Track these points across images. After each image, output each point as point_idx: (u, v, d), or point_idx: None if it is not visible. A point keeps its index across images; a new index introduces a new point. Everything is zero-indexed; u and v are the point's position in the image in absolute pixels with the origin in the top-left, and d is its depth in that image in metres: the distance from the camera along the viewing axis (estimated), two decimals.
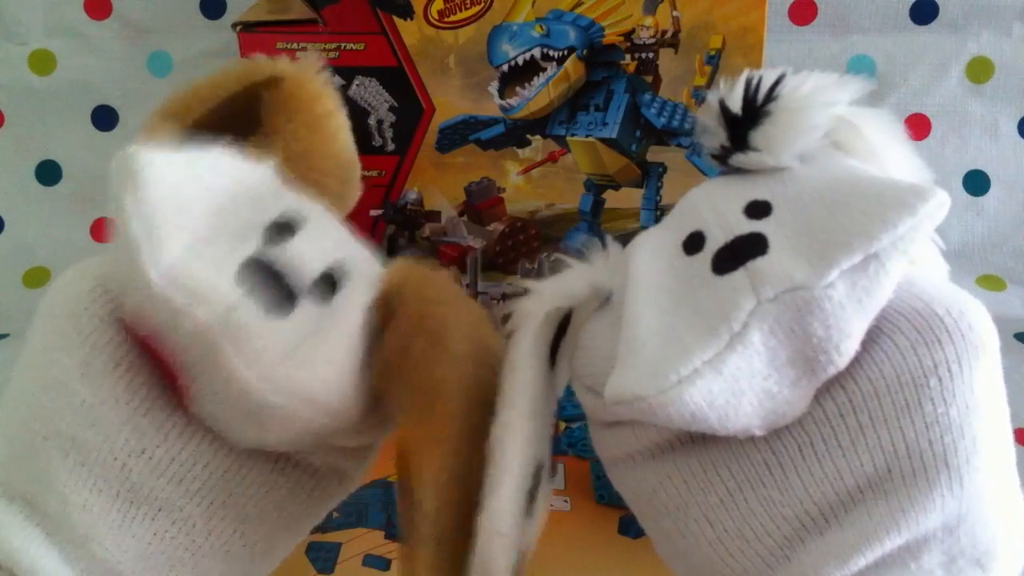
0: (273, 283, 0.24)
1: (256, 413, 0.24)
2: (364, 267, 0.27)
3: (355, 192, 0.30)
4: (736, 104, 0.26)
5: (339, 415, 0.25)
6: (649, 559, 0.39)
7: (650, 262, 0.26)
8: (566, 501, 0.43)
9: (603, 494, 0.43)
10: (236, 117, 0.28)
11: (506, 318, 0.28)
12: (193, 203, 0.24)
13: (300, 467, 0.27)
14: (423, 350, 0.25)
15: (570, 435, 0.46)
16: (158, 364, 0.25)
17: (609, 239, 0.28)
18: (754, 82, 0.26)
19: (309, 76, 0.28)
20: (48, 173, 0.64)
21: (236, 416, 0.24)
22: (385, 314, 0.26)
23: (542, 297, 0.27)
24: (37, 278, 0.63)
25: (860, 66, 0.61)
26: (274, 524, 0.27)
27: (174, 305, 0.23)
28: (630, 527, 0.41)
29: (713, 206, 0.26)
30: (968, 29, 0.61)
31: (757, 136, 0.26)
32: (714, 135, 0.27)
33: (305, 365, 0.24)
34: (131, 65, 0.63)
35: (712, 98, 0.27)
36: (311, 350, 0.24)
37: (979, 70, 0.61)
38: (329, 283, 0.26)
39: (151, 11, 0.62)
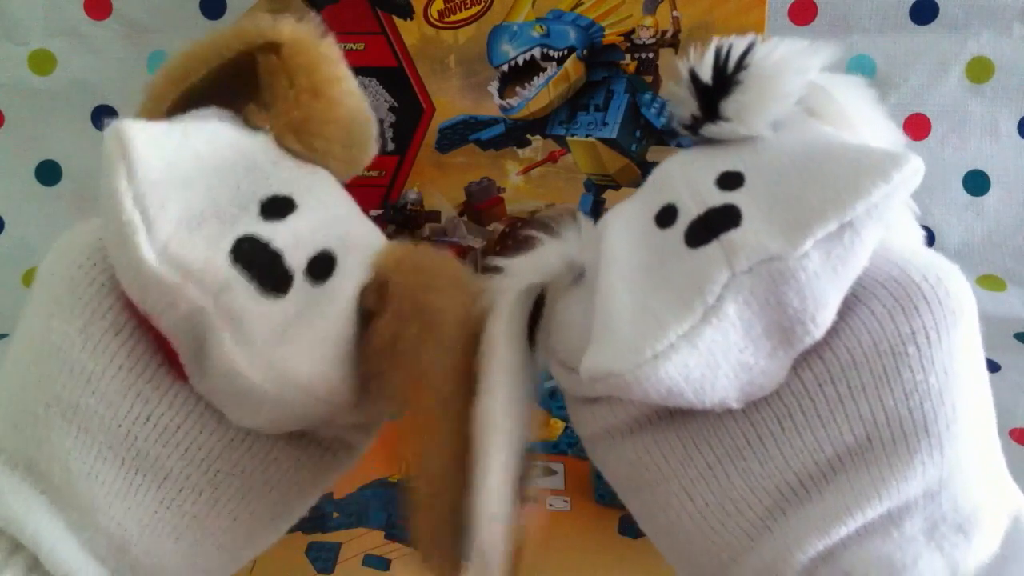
0: (267, 263, 0.24)
1: (246, 396, 0.24)
2: (363, 244, 0.27)
3: (366, 155, 0.29)
4: (706, 73, 0.26)
5: (329, 401, 0.25)
6: (649, 559, 0.39)
7: (623, 236, 0.25)
8: (566, 501, 0.43)
9: (603, 494, 0.43)
10: (236, 79, 0.27)
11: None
12: (187, 178, 0.24)
13: (307, 438, 0.27)
14: (415, 337, 0.25)
15: (570, 435, 0.46)
16: (158, 338, 0.24)
17: (580, 215, 0.28)
18: (724, 50, 0.26)
19: (311, 40, 0.27)
20: (48, 173, 0.64)
21: (228, 397, 0.24)
22: (377, 298, 0.26)
23: (515, 274, 0.27)
24: None
25: (860, 66, 0.61)
26: (281, 493, 0.27)
27: (167, 285, 0.22)
28: (630, 527, 0.41)
29: (685, 178, 0.26)
30: (968, 29, 0.61)
31: (728, 105, 0.25)
32: (685, 105, 0.27)
33: (295, 350, 0.24)
34: (131, 65, 0.63)
35: (682, 67, 0.27)
36: (301, 334, 0.24)
37: (979, 70, 0.61)
38: (325, 263, 0.25)
39: (151, 11, 0.62)
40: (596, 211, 0.48)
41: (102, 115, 0.64)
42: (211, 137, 0.25)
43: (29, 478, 0.24)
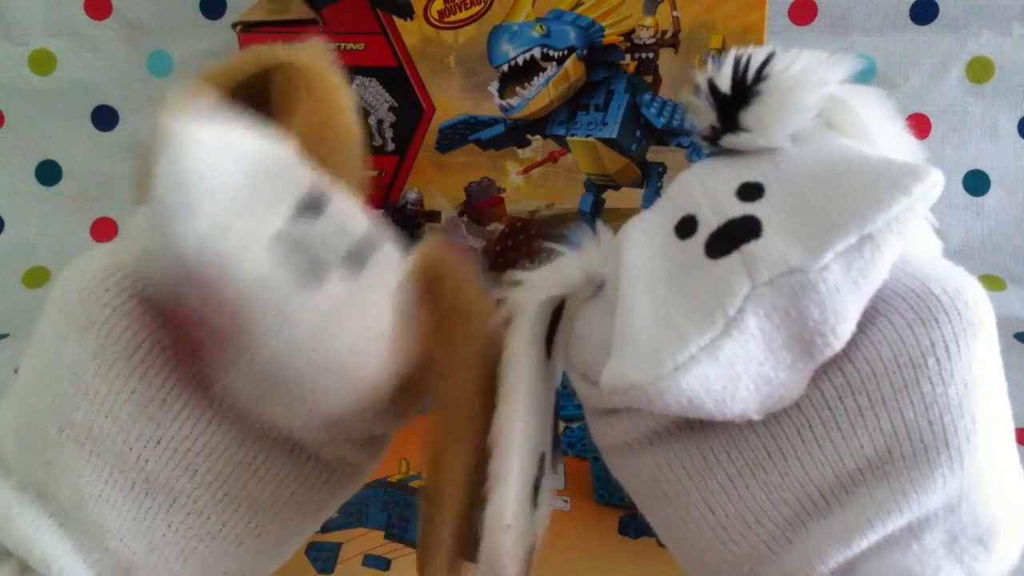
0: (304, 255, 0.24)
1: (284, 386, 0.24)
2: (390, 241, 0.27)
3: (361, 178, 0.30)
4: (725, 84, 0.26)
5: (367, 390, 0.25)
6: (649, 559, 0.39)
7: (642, 248, 0.25)
8: (566, 501, 0.43)
9: (603, 494, 0.43)
10: (249, 102, 0.28)
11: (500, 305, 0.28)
12: (226, 173, 0.24)
13: (313, 460, 0.27)
14: (463, 336, 0.25)
15: (570, 435, 0.46)
16: (182, 341, 0.24)
17: (599, 225, 0.28)
18: (743, 61, 0.26)
19: (320, 59, 0.28)
20: (48, 173, 0.64)
21: (264, 390, 0.24)
22: (421, 288, 0.26)
23: (535, 287, 0.27)
24: (37, 278, 0.63)
25: (860, 66, 0.61)
26: (287, 516, 0.27)
27: (207, 275, 0.22)
28: (630, 527, 0.41)
29: (705, 189, 0.26)
30: (968, 29, 0.61)
31: (747, 116, 0.25)
32: (704, 116, 0.27)
33: (339, 336, 0.24)
34: (131, 65, 0.63)
35: (701, 78, 0.27)
36: (342, 322, 0.24)
37: (979, 70, 0.61)
38: (359, 258, 0.25)
39: (151, 11, 0.62)
40: (596, 211, 0.48)
41: (102, 115, 0.64)
42: (246, 138, 0.25)
43: (39, 500, 0.24)
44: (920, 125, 0.62)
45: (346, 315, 0.24)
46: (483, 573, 0.25)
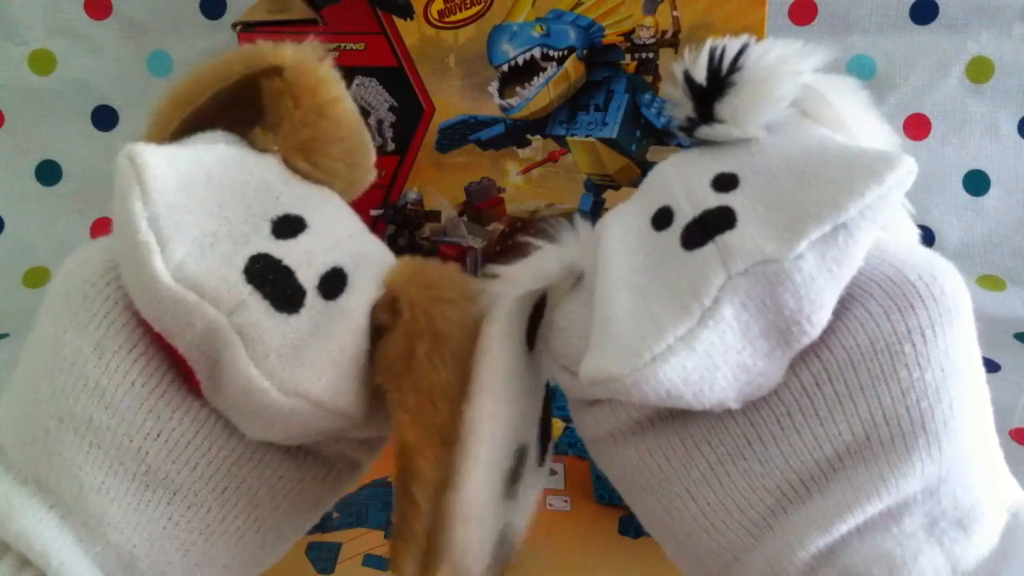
0: (281, 280, 0.24)
1: (260, 411, 0.24)
2: (373, 261, 0.27)
3: (367, 175, 0.30)
4: (700, 74, 0.26)
5: (342, 415, 0.25)
6: (649, 559, 0.39)
7: (620, 240, 0.26)
8: (566, 501, 0.43)
9: (603, 494, 0.43)
10: (239, 104, 0.28)
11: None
12: (199, 199, 0.24)
13: (312, 455, 0.27)
14: (427, 354, 0.25)
15: (570, 435, 0.46)
16: (173, 355, 0.25)
17: (578, 218, 0.28)
18: (718, 52, 0.26)
19: (312, 63, 0.28)
20: (48, 173, 0.64)
21: (243, 412, 0.24)
22: (389, 314, 0.26)
23: (513, 279, 0.27)
24: (37, 278, 0.63)
25: (860, 66, 0.61)
26: (286, 510, 0.27)
27: (183, 305, 0.23)
28: (630, 527, 0.41)
29: (681, 180, 0.26)
30: (968, 29, 0.61)
31: (722, 108, 0.26)
32: (680, 106, 0.27)
33: (309, 365, 0.24)
34: (131, 65, 0.63)
35: (677, 68, 0.27)
36: (316, 350, 0.24)
37: (979, 70, 0.61)
38: (337, 280, 0.26)
39: (151, 11, 0.62)
40: (596, 211, 0.48)
41: (102, 115, 0.64)
42: (221, 158, 0.26)
43: (39, 493, 0.24)
44: (920, 125, 0.62)
45: (320, 343, 0.24)
46: (449, 563, 0.25)
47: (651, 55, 0.45)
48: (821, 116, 0.26)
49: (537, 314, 0.28)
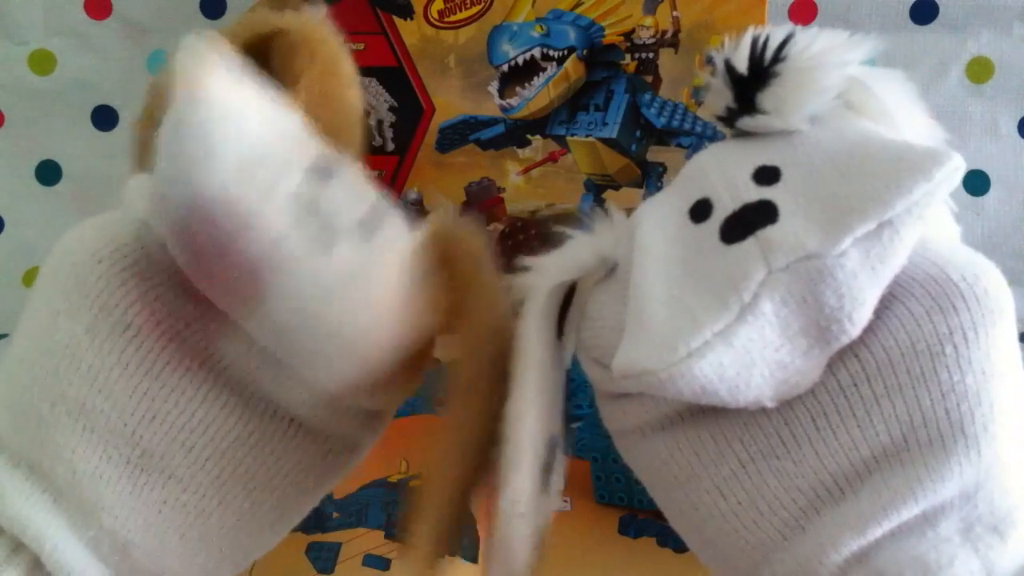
0: (319, 218, 0.24)
1: (287, 351, 0.23)
2: (398, 215, 0.27)
3: (361, 152, 0.29)
4: (742, 64, 0.25)
5: (374, 358, 0.24)
6: (649, 559, 0.39)
7: (657, 231, 0.25)
8: (566, 501, 0.43)
9: (603, 494, 0.43)
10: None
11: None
12: (247, 123, 0.23)
13: (311, 436, 0.27)
14: (471, 306, 0.25)
15: (570, 435, 0.46)
16: (181, 311, 0.24)
17: (612, 207, 0.28)
18: (761, 41, 0.25)
19: (314, 24, 0.27)
20: (48, 173, 0.64)
21: (271, 355, 0.24)
22: (435, 259, 0.25)
23: (547, 271, 0.27)
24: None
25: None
26: (284, 493, 0.27)
27: (223, 228, 0.22)
28: (630, 527, 0.41)
29: (721, 172, 0.25)
30: (968, 29, 0.60)
31: (765, 98, 0.25)
32: (720, 96, 0.26)
33: (347, 301, 0.23)
34: (131, 65, 0.63)
35: (718, 57, 0.26)
36: (353, 288, 0.23)
37: (979, 70, 0.61)
38: (371, 225, 0.25)
39: (151, 11, 0.62)
40: None
41: (102, 115, 0.64)
42: (259, 96, 0.25)
43: (32, 477, 0.24)
44: None
45: (357, 281, 0.24)
46: (496, 560, 0.25)
47: (651, 55, 0.45)
48: (866, 109, 0.26)
49: (565, 304, 0.27)
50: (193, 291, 0.24)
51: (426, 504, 0.25)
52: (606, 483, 0.29)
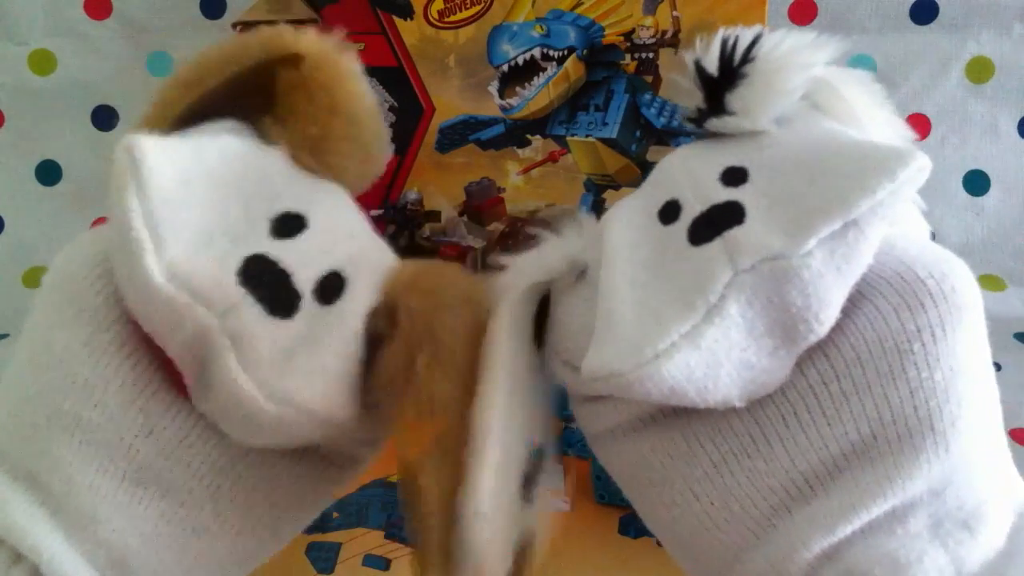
0: (276, 283, 0.24)
1: (249, 418, 0.23)
2: (373, 263, 0.26)
3: (380, 168, 0.29)
4: (712, 65, 0.25)
5: (333, 424, 0.24)
6: (649, 559, 0.39)
7: (625, 233, 0.25)
8: (566, 501, 0.43)
9: (603, 494, 0.43)
10: (252, 89, 0.27)
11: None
12: (198, 196, 0.23)
13: (311, 452, 0.27)
14: (427, 365, 0.24)
15: (570, 435, 0.46)
16: (161, 357, 0.24)
17: (582, 211, 0.28)
18: (730, 42, 0.25)
19: (332, 56, 0.27)
20: (48, 173, 0.64)
21: (231, 418, 0.24)
22: (387, 322, 0.25)
23: (519, 272, 0.27)
24: (37, 278, 0.63)
25: (860, 66, 0.61)
26: (283, 507, 0.27)
27: (174, 305, 0.22)
28: (630, 527, 0.41)
29: (689, 174, 0.25)
30: (968, 29, 0.61)
31: (733, 99, 0.25)
32: (690, 97, 0.26)
33: (301, 374, 0.23)
34: (131, 65, 0.63)
35: (688, 58, 0.26)
36: (308, 358, 0.23)
37: (979, 70, 0.61)
38: (334, 285, 0.25)
39: (151, 11, 0.62)
40: (596, 211, 0.48)
41: (102, 115, 0.64)
42: (223, 152, 0.25)
43: (31, 489, 0.24)
44: (920, 125, 0.62)
45: (312, 351, 0.24)
46: (468, 567, 0.25)
47: (651, 55, 0.45)
48: (833, 109, 0.26)
49: (543, 312, 0.27)
50: None
51: (438, 543, 0.25)
52: (606, 483, 0.29)
